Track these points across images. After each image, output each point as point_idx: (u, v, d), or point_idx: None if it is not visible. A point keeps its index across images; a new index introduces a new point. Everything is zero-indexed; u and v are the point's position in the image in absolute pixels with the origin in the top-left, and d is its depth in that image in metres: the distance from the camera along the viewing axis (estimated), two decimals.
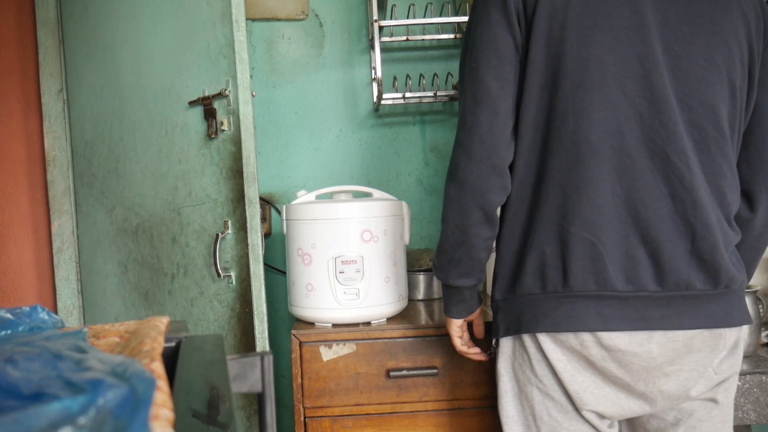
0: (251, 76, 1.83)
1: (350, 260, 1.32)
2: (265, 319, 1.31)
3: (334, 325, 1.35)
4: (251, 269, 1.31)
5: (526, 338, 0.99)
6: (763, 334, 1.42)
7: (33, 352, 0.38)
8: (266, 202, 1.86)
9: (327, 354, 1.31)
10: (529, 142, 0.97)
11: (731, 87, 0.95)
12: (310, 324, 1.38)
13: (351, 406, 1.32)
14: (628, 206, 0.92)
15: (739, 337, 0.99)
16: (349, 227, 1.32)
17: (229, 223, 1.35)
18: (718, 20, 0.94)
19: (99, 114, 1.66)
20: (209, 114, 1.35)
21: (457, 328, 1.15)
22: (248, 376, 0.51)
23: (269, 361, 0.52)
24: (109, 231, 1.67)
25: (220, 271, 1.34)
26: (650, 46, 0.92)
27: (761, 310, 1.39)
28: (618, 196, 0.92)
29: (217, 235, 1.34)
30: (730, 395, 1.02)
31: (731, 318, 0.96)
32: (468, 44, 0.99)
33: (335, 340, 1.31)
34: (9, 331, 0.48)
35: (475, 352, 1.17)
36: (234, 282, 1.36)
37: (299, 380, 1.31)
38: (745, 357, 1.35)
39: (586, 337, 0.94)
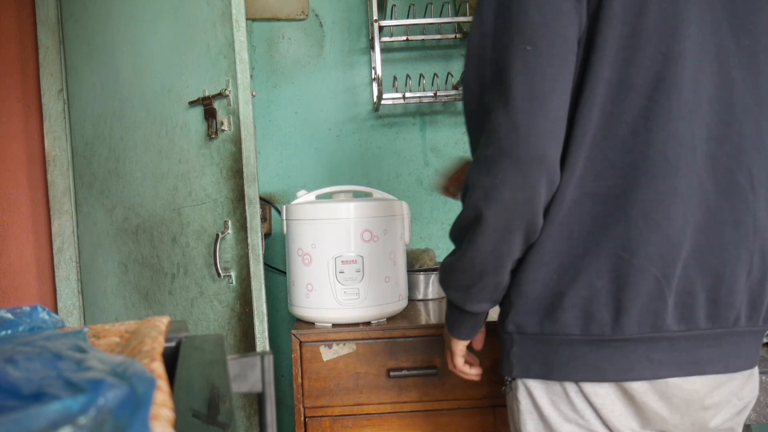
0: (251, 76, 1.83)
1: (350, 260, 1.32)
2: (265, 319, 1.31)
3: (334, 325, 1.35)
4: (251, 269, 1.31)
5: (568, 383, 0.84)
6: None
7: (33, 352, 0.38)
8: (266, 202, 1.86)
9: (327, 354, 1.31)
10: (584, 153, 0.78)
11: None
12: (311, 324, 1.38)
13: (351, 406, 1.32)
14: (693, 236, 0.78)
15: None
16: (349, 227, 1.32)
17: (229, 223, 1.35)
18: None
19: (99, 114, 1.66)
20: (209, 114, 1.35)
21: (462, 347, 1.01)
22: (248, 376, 0.51)
23: (269, 361, 0.52)
24: (109, 231, 1.67)
25: (220, 271, 1.34)
26: (724, 39, 0.79)
27: None
28: (688, 225, 0.78)
29: (218, 235, 1.34)
30: (743, 422, 0.93)
31: (758, 354, 0.89)
32: (507, 18, 0.76)
33: (335, 340, 1.31)
34: (9, 331, 0.48)
35: (476, 373, 1.04)
36: (234, 282, 1.36)
37: (299, 380, 1.31)
38: None
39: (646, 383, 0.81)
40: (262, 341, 1.31)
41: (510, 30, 0.75)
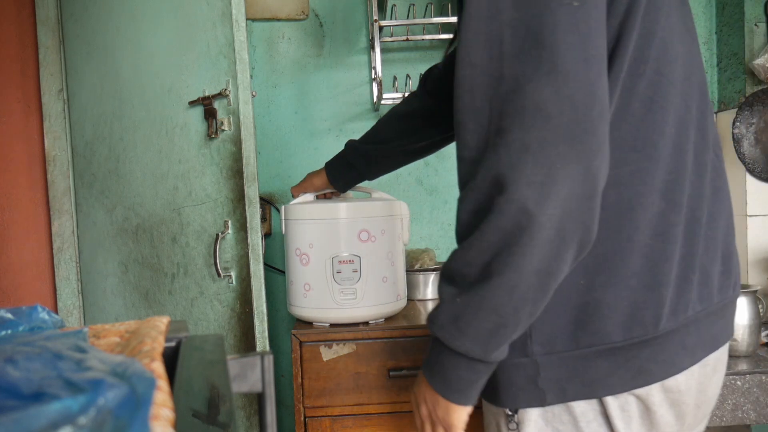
0: (251, 76, 1.83)
1: (347, 260, 1.32)
2: (266, 319, 1.32)
3: (332, 325, 1.35)
4: (251, 269, 1.31)
5: (576, 403, 0.74)
6: (763, 334, 1.42)
7: (33, 351, 0.38)
8: (266, 202, 1.86)
9: (327, 354, 1.31)
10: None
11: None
12: (310, 324, 1.38)
13: (351, 406, 1.32)
14: (699, 211, 0.75)
15: None
16: (346, 227, 1.32)
17: (230, 223, 1.35)
18: None
19: (99, 114, 1.67)
20: (209, 114, 1.35)
21: (466, 418, 0.78)
22: (248, 376, 0.51)
23: (269, 361, 0.52)
24: (109, 231, 1.67)
25: (220, 271, 1.34)
26: (692, 26, 0.78)
27: (761, 310, 1.39)
28: (694, 200, 0.75)
29: (218, 235, 1.34)
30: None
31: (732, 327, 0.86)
32: None
33: (335, 340, 1.31)
34: (9, 331, 0.48)
35: None
36: (234, 282, 1.36)
37: (299, 380, 1.31)
38: (745, 357, 1.35)
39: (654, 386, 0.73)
40: (262, 341, 1.31)
41: None
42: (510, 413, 0.76)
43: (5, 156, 1.79)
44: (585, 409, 0.73)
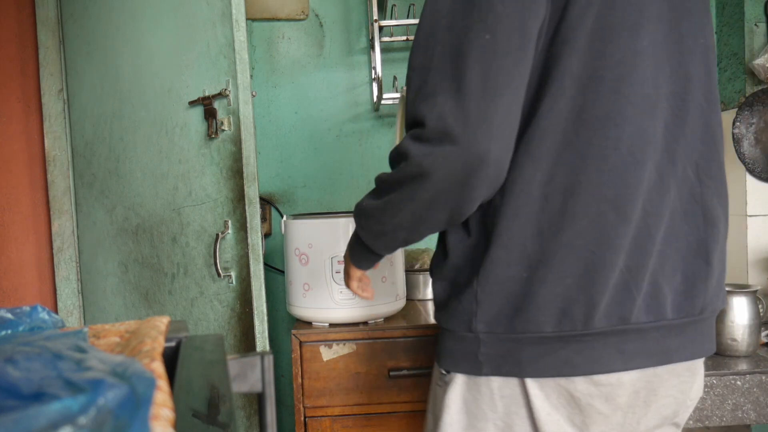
0: (251, 76, 1.83)
1: None
2: (265, 319, 1.32)
3: (331, 325, 1.35)
4: (251, 269, 1.31)
5: (495, 377, 0.84)
6: (763, 334, 1.42)
7: (33, 351, 0.38)
8: (266, 202, 1.86)
9: (327, 354, 1.31)
10: (554, 147, 0.77)
11: (714, 83, 0.86)
12: (310, 324, 1.38)
13: (351, 406, 1.32)
14: (655, 228, 0.80)
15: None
16: (346, 227, 1.32)
17: (229, 223, 1.35)
18: None
19: (99, 114, 1.66)
20: (209, 114, 1.35)
21: (359, 274, 1.06)
22: (248, 376, 0.51)
23: (269, 361, 0.52)
24: (109, 231, 1.67)
25: (220, 271, 1.34)
26: (684, 36, 0.81)
27: (761, 310, 1.39)
28: (650, 216, 0.79)
29: (217, 235, 1.34)
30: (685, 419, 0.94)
31: (712, 342, 0.90)
32: (468, 2, 0.73)
33: (335, 340, 1.31)
34: (9, 331, 0.48)
35: (369, 295, 1.08)
36: (234, 282, 1.36)
37: (299, 380, 1.31)
38: (745, 357, 1.35)
39: (581, 378, 0.81)
40: (262, 341, 1.31)
41: (471, 15, 0.72)
42: (444, 372, 0.89)
43: (5, 156, 1.79)
44: (502, 384, 0.83)
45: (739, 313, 1.33)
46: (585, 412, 0.82)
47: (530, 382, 0.81)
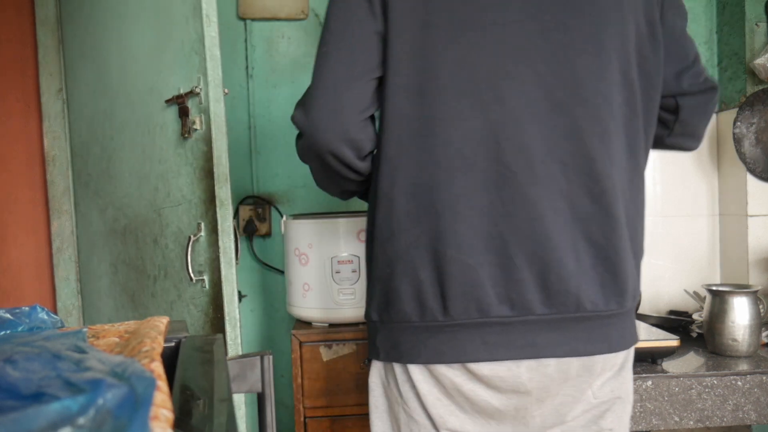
0: (251, 76, 1.83)
1: (346, 260, 1.32)
2: (238, 324, 1.25)
3: (331, 325, 1.35)
4: (222, 273, 1.23)
5: (395, 364, 0.91)
6: (764, 334, 1.42)
7: (33, 352, 0.38)
8: (266, 202, 1.86)
9: (327, 354, 1.31)
10: (394, 154, 0.86)
11: (623, 72, 0.86)
12: (309, 324, 1.38)
13: (351, 406, 1.32)
14: (510, 224, 0.83)
15: (627, 357, 0.92)
16: (345, 227, 1.32)
17: (202, 225, 1.27)
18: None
19: (93, 113, 1.63)
20: (183, 113, 1.28)
21: None
22: (248, 376, 0.51)
23: (269, 361, 0.52)
24: (102, 231, 1.64)
25: (192, 275, 1.26)
26: (526, 39, 0.83)
27: (762, 310, 1.39)
28: (498, 214, 0.83)
29: (190, 237, 1.27)
30: (621, 422, 0.92)
31: (625, 340, 0.89)
32: (324, 23, 0.89)
33: (335, 340, 1.31)
34: (8, 331, 0.48)
35: None
36: (207, 286, 1.28)
37: (299, 380, 1.31)
38: (745, 357, 1.35)
39: (455, 366, 0.86)
40: (234, 347, 1.24)
41: (323, 33, 0.88)
42: (367, 360, 0.98)
43: (5, 156, 1.79)
44: (400, 371, 0.90)
45: (740, 313, 1.33)
46: (472, 400, 0.88)
47: (413, 368, 0.88)
